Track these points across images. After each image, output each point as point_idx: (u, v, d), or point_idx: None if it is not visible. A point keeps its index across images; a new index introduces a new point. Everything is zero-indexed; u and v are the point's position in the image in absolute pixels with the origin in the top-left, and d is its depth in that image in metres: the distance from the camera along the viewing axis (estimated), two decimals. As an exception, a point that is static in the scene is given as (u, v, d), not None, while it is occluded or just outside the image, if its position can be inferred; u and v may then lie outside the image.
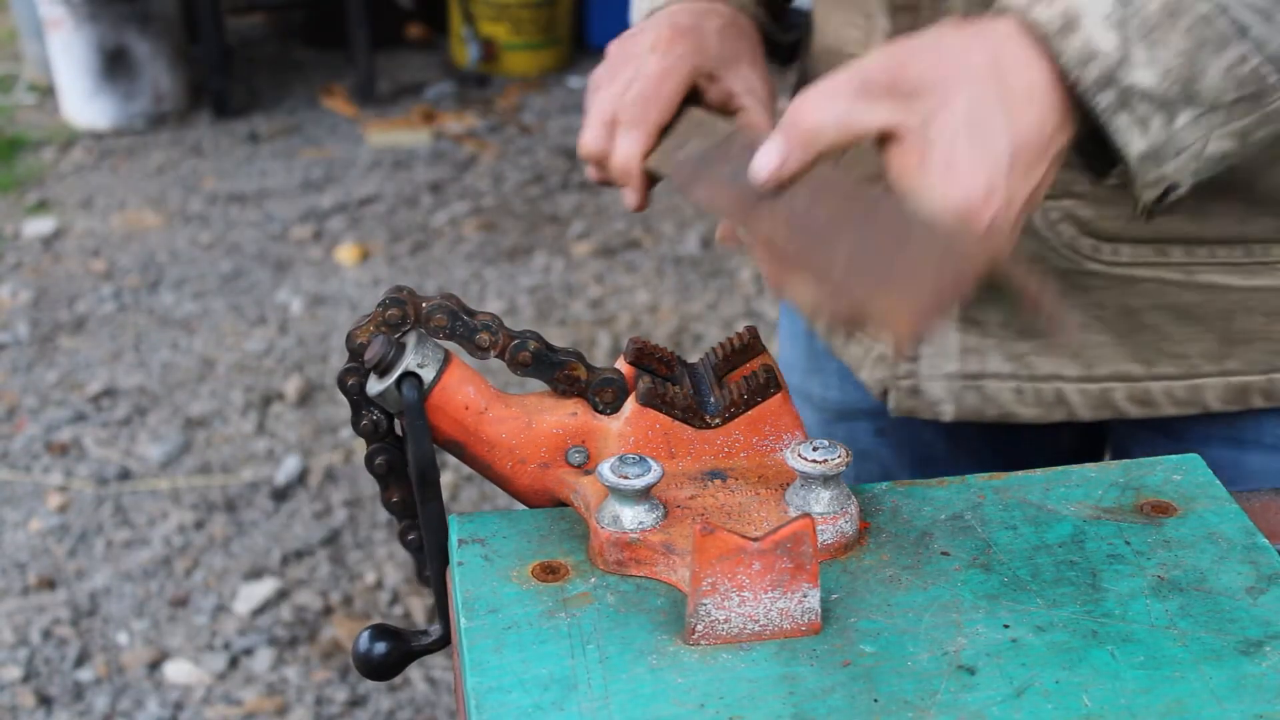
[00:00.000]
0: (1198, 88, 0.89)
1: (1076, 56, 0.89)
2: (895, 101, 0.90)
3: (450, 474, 3.24)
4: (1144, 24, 0.89)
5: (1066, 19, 0.90)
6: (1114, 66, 0.89)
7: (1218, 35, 0.89)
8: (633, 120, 1.14)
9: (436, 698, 2.73)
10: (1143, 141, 0.90)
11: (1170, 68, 0.89)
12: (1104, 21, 0.89)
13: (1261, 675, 0.88)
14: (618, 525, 0.98)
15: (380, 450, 1.08)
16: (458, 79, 5.42)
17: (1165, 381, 1.20)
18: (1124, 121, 0.89)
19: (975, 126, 0.89)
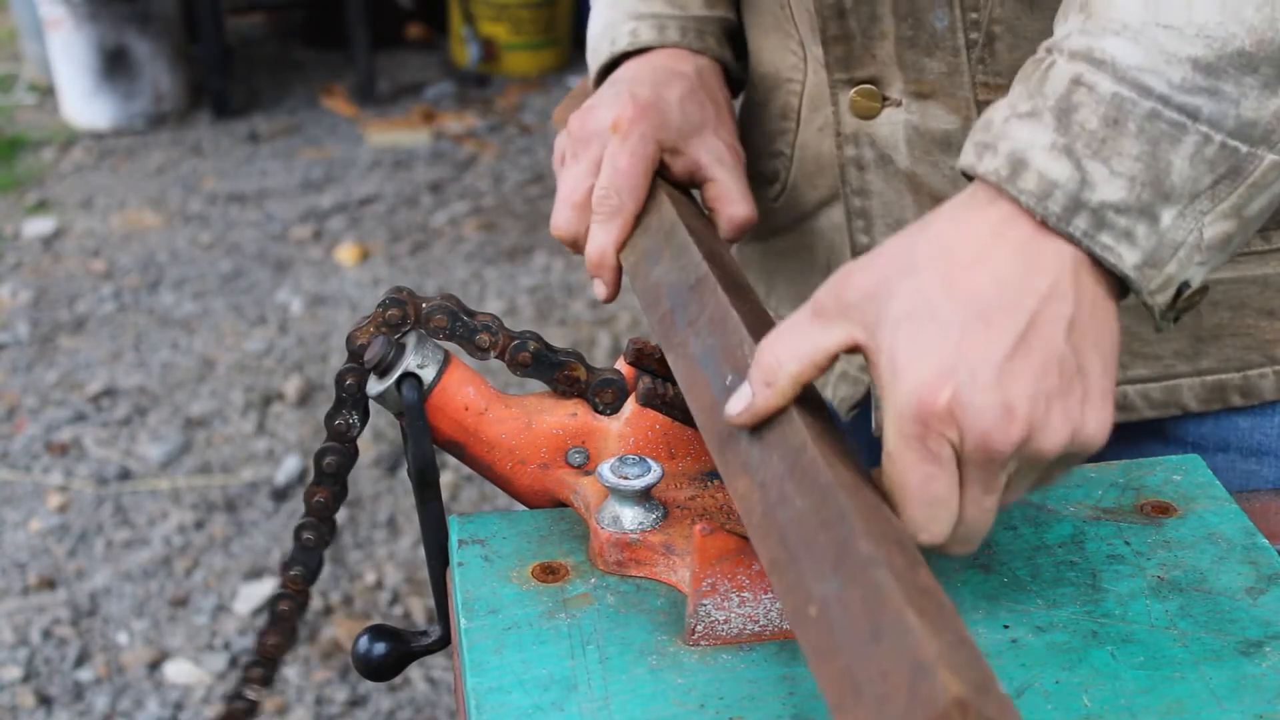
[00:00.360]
0: (1169, 184, 0.87)
1: (1035, 193, 0.87)
2: (846, 317, 0.87)
3: (450, 474, 3.24)
4: (1090, 141, 0.87)
5: (1013, 161, 0.88)
6: (1076, 191, 0.86)
7: (1169, 128, 0.86)
8: (606, 214, 1.16)
9: (436, 698, 2.73)
10: (1134, 253, 0.87)
11: (1133, 175, 0.86)
12: (1050, 151, 0.87)
13: (1261, 675, 0.88)
14: (618, 526, 0.98)
15: (335, 451, 1.10)
16: (458, 79, 5.42)
17: (1141, 385, 1.19)
18: (1107, 240, 0.87)
19: (914, 314, 0.85)
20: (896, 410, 0.84)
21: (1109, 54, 0.87)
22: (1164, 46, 0.86)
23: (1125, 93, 0.86)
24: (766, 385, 0.88)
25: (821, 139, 1.26)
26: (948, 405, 0.83)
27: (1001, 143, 0.89)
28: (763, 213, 1.38)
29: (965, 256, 0.86)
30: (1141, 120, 0.86)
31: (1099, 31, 0.88)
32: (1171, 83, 0.86)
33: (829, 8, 1.16)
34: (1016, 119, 0.89)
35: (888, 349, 0.85)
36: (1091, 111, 0.87)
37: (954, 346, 0.84)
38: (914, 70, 1.15)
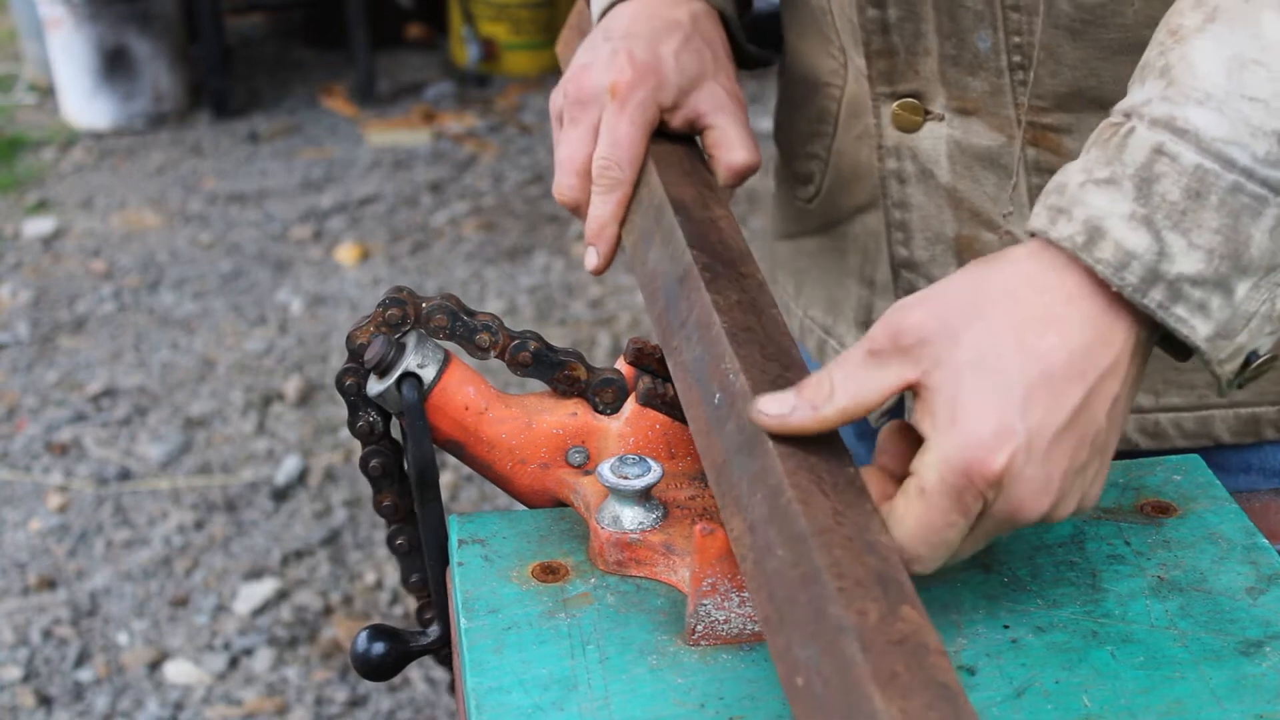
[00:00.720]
0: (1248, 257, 0.85)
1: (1112, 263, 0.85)
2: (903, 358, 0.86)
3: (450, 474, 3.24)
4: (1171, 213, 0.85)
5: (1089, 229, 0.86)
6: (1154, 263, 0.85)
7: (1251, 201, 0.85)
8: (607, 186, 1.15)
9: (436, 698, 2.73)
10: (1207, 325, 0.86)
11: (1212, 248, 0.85)
12: (1129, 221, 0.86)
13: (1261, 675, 0.88)
14: (618, 525, 0.98)
15: (375, 453, 1.08)
16: (458, 79, 5.42)
17: (1174, 413, 1.19)
18: (1182, 311, 0.86)
19: (979, 364, 0.84)
20: (946, 457, 0.84)
21: (1193, 124, 0.86)
22: (1249, 119, 0.85)
23: (1209, 165, 0.85)
24: (814, 408, 0.86)
25: (860, 147, 1.25)
26: (1000, 471, 0.83)
27: (1077, 209, 0.87)
28: (795, 213, 1.38)
29: (1036, 316, 0.86)
30: (1224, 193, 0.85)
31: (1182, 100, 0.87)
32: (1256, 156, 0.85)
33: (873, 23, 1.15)
34: (1094, 185, 0.87)
35: (949, 394, 0.84)
36: (1173, 183, 0.86)
37: (1018, 409, 0.83)
38: (957, 87, 1.15)
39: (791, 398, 0.87)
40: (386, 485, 1.10)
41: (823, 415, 0.86)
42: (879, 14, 1.14)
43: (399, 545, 1.10)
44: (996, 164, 1.15)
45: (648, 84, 1.15)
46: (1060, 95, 1.10)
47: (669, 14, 1.20)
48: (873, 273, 1.29)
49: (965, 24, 1.11)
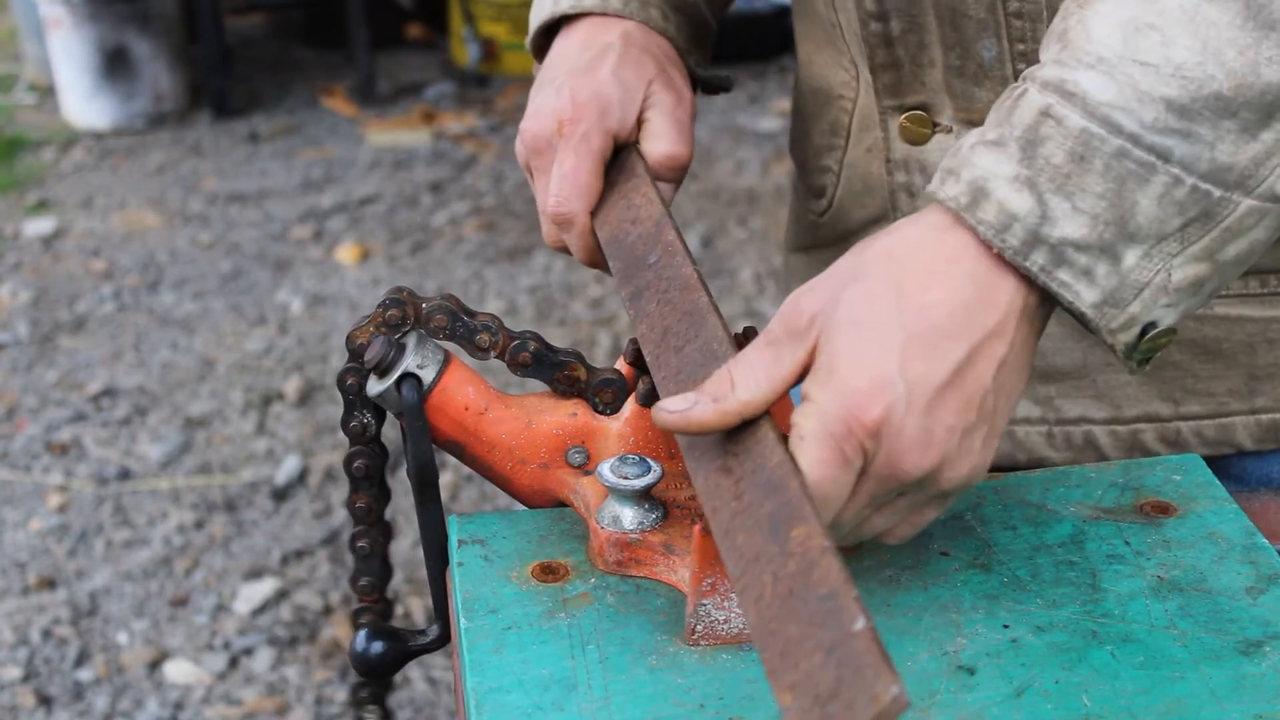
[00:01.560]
0: (1134, 224, 0.85)
1: (994, 225, 0.85)
2: (796, 341, 0.87)
3: (450, 474, 3.24)
4: (1055, 176, 0.85)
5: (974, 190, 0.86)
6: (1036, 226, 0.85)
7: (1137, 167, 0.84)
8: (565, 221, 1.17)
9: (436, 698, 2.73)
10: (1092, 292, 0.85)
11: (1097, 213, 0.84)
12: (1012, 183, 0.85)
13: (1261, 675, 0.88)
14: (618, 526, 0.98)
15: (362, 454, 1.09)
16: (458, 79, 5.42)
17: (1194, 421, 1.18)
18: (1065, 276, 0.85)
19: (856, 321, 0.85)
20: (824, 407, 0.84)
21: (1081, 87, 0.85)
22: (1138, 84, 0.85)
23: (1094, 129, 0.85)
24: (714, 400, 0.87)
25: (870, 159, 1.25)
26: (877, 420, 0.83)
27: (965, 170, 0.87)
28: (809, 225, 1.38)
29: (917, 273, 0.86)
30: (1109, 158, 0.84)
31: (1074, 63, 0.86)
32: (1143, 122, 0.84)
33: (876, 36, 1.15)
34: (983, 146, 0.87)
35: (829, 352, 0.85)
36: (1058, 145, 0.85)
37: (895, 362, 0.83)
38: (964, 99, 1.15)
39: (692, 394, 0.87)
40: (365, 488, 1.10)
41: (723, 408, 0.86)
42: (882, 27, 1.14)
43: (360, 547, 1.12)
44: None
45: (590, 115, 1.17)
46: None
47: (600, 39, 1.22)
48: None
49: (969, 34, 1.11)
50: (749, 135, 4.91)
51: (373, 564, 1.12)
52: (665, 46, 1.24)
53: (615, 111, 1.18)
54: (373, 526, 1.11)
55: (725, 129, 5.00)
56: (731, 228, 4.35)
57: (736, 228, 4.34)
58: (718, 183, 4.61)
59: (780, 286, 1.49)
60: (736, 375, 0.87)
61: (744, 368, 0.87)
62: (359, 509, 1.11)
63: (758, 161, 4.72)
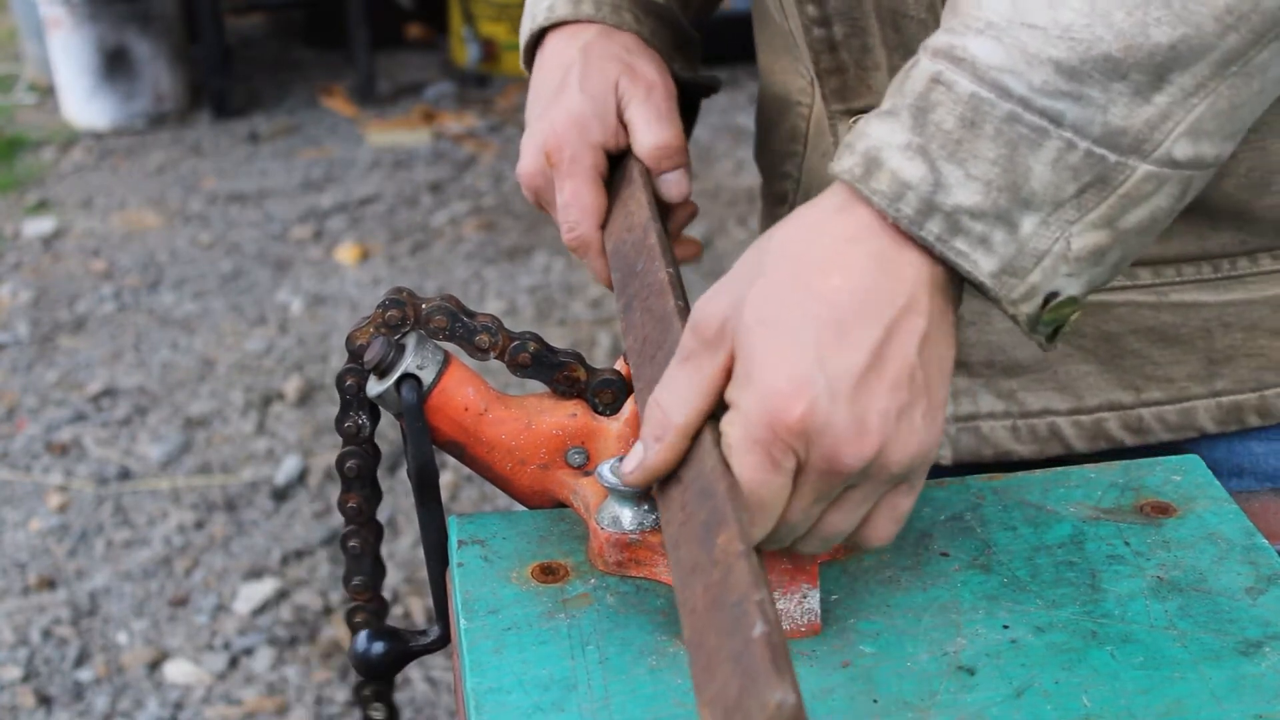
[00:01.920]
0: (1028, 190, 0.83)
1: (888, 194, 0.83)
2: (710, 350, 0.85)
3: (450, 474, 3.24)
4: (946, 142, 0.83)
5: (868, 160, 0.84)
6: (930, 194, 0.83)
7: (1029, 132, 0.83)
8: (581, 246, 1.18)
9: (436, 698, 2.73)
10: (990, 260, 0.83)
11: (990, 179, 0.83)
12: (904, 151, 0.84)
13: (1261, 675, 0.88)
14: (617, 526, 0.98)
15: (355, 454, 1.09)
16: (458, 79, 5.43)
17: (1156, 407, 1.18)
18: (962, 245, 0.83)
19: (766, 320, 0.83)
20: (746, 413, 0.82)
21: (970, 52, 0.84)
22: (1026, 47, 0.83)
23: (984, 93, 0.83)
24: (656, 440, 0.86)
25: (825, 164, 1.25)
26: (801, 419, 0.81)
27: (859, 141, 0.86)
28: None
29: (817, 259, 0.84)
30: (999, 123, 0.83)
31: (963, 29, 0.85)
32: (1032, 85, 0.83)
33: (820, 42, 1.15)
34: (876, 118, 0.86)
35: (744, 356, 0.83)
36: (948, 111, 0.84)
37: (811, 357, 0.81)
38: None
39: (638, 448, 0.87)
40: (357, 488, 1.10)
41: (670, 443, 0.86)
42: (825, 33, 1.14)
43: (351, 547, 1.12)
44: None
45: (571, 138, 1.18)
46: None
47: (562, 58, 1.23)
48: None
49: (910, 34, 1.11)
50: (749, 135, 4.90)
51: (364, 563, 1.12)
52: (628, 41, 1.23)
53: (594, 125, 1.19)
54: (364, 526, 1.12)
55: (725, 129, 5.00)
56: (731, 228, 4.35)
57: (736, 228, 4.34)
58: (718, 183, 4.61)
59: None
60: (664, 403, 0.86)
61: (668, 393, 0.86)
62: (350, 509, 1.11)
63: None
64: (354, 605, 1.14)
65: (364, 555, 1.12)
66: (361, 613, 1.13)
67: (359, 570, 1.12)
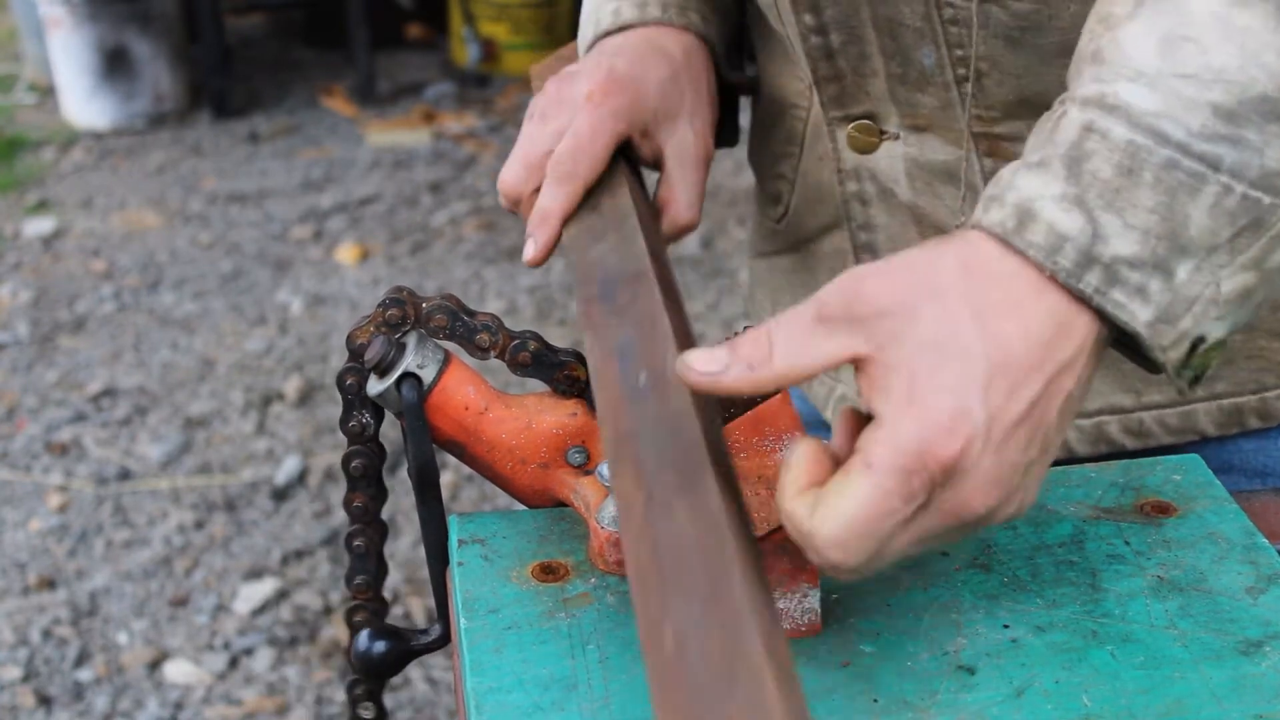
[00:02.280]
0: (1187, 237, 0.82)
1: (1044, 247, 0.82)
2: (853, 329, 0.81)
3: (450, 474, 3.24)
4: (1104, 192, 0.82)
5: (1020, 213, 0.83)
6: (1088, 245, 0.81)
7: (1188, 178, 0.82)
8: (559, 178, 1.12)
9: (436, 698, 2.73)
10: (1147, 310, 0.82)
11: (1149, 228, 0.81)
12: (1060, 203, 0.82)
13: (1261, 675, 0.88)
14: (618, 525, 0.98)
15: (360, 454, 1.09)
16: (458, 79, 5.43)
17: (1156, 410, 1.18)
18: (1120, 296, 0.82)
19: (941, 344, 0.80)
20: (899, 435, 0.79)
21: (1123, 99, 0.83)
22: (1182, 93, 0.82)
23: (1141, 140, 0.82)
24: (750, 368, 0.81)
25: (822, 168, 1.25)
26: (954, 457, 0.78)
27: (1009, 194, 0.84)
28: (769, 232, 1.38)
29: (996, 299, 0.81)
30: (1158, 169, 0.82)
31: (1112, 78, 0.84)
32: (1190, 130, 0.82)
33: (817, 49, 1.14)
34: (1025, 169, 0.84)
35: (907, 372, 0.79)
36: (1104, 160, 0.82)
37: (977, 396, 0.79)
38: (908, 105, 1.14)
39: (724, 354, 0.81)
40: (362, 487, 1.10)
41: (758, 376, 0.81)
42: (822, 40, 1.14)
43: (356, 546, 1.12)
44: (954, 177, 1.15)
45: (625, 95, 1.14)
46: (1008, 104, 1.10)
47: (662, 44, 1.20)
48: None
49: (907, 42, 1.10)
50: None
51: (368, 562, 1.12)
52: (710, 79, 1.21)
53: (645, 112, 1.15)
54: (369, 525, 1.12)
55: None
56: (731, 228, 4.35)
57: (736, 228, 4.34)
58: (718, 183, 4.61)
59: (748, 295, 1.48)
60: (777, 341, 0.81)
61: (787, 336, 0.81)
62: (356, 508, 1.11)
63: (758, 161, 4.72)
64: (355, 604, 1.14)
65: (368, 554, 1.12)
66: (362, 612, 1.13)
67: (363, 569, 1.12)
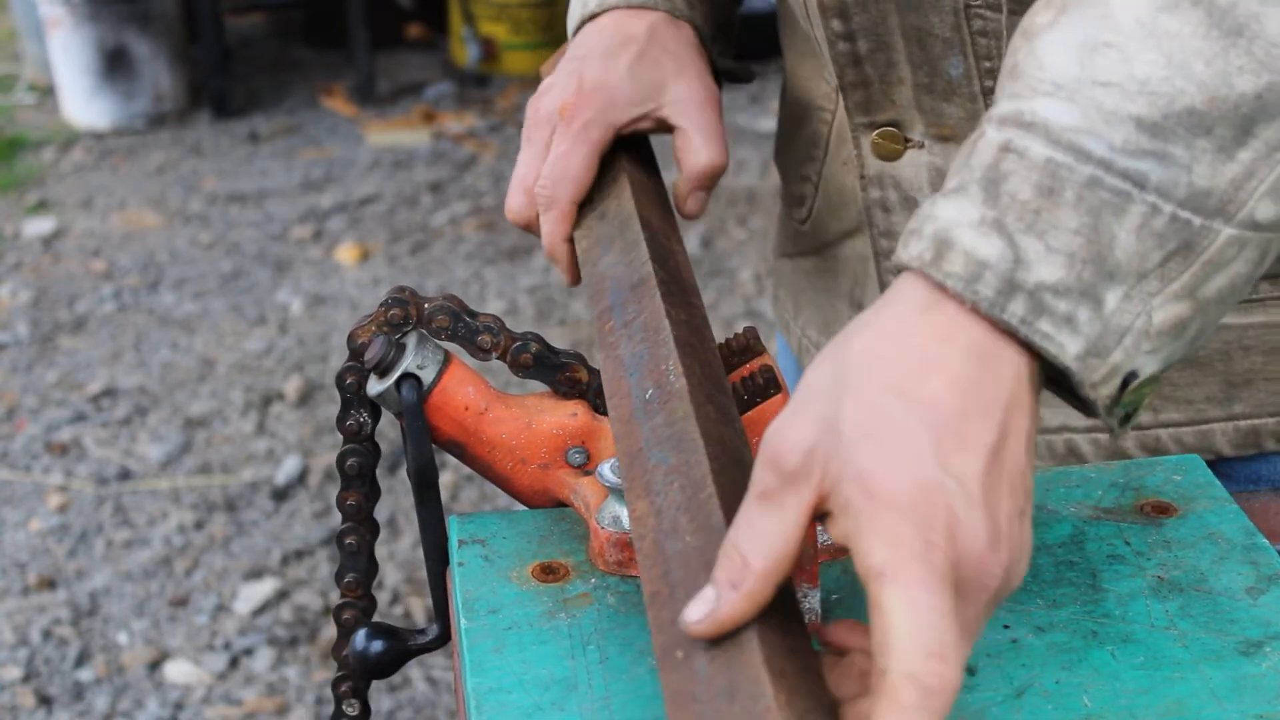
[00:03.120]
0: (1113, 261, 0.76)
1: (963, 275, 0.76)
2: (794, 485, 0.75)
3: (450, 474, 3.24)
4: (1023, 214, 0.76)
5: (937, 243, 0.77)
6: (1010, 271, 0.76)
7: (1112, 196, 0.76)
8: (544, 205, 1.16)
9: (436, 698, 2.73)
10: (1076, 342, 0.76)
11: (1073, 251, 0.76)
12: (978, 228, 0.77)
13: (1261, 675, 0.88)
14: (618, 526, 0.98)
15: (355, 452, 1.09)
16: (458, 79, 5.43)
17: (1173, 428, 1.17)
18: (1047, 326, 0.76)
19: (872, 433, 0.73)
20: (883, 530, 0.72)
21: (1040, 115, 0.78)
22: (1102, 105, 0.77)
23: (1060, 157, 0.77)
24: (733, 587, 0.73)
25: (845, 172, 1.25)
26: (945, 520, 0.72)
27: (926, 225, 0.79)
28: (792, 233, 1.38)
29: (910, 364, 0.76)
30: (1080, 188, 0.76)
31: (1028, 94, 0.79)
32: (1113, 145, 0.77)
33: (845, 56, 1.14)
34: (943, 198, 0.79)
35: (852, 475, 0.73)
36: (1023, 180, 0.77)
37: (931, 462, 0.73)
38: (934, 114, 1.14)
39: (710, 592, 0.74)
40: (357, 485, 1.11)
41: (749, 590, 0.73)
42: (849, 47, 1.13)
43: (349, 544, 1.12)
44: None
45: (595, 104, 1.16)
46: None
47: (626, 29, 1.20)
48: (861, 295, 1.29)
49: (935, 52, 1.10)
50: (749, 135, 4.91)
51: (359, 560, 1.13)
52: (690, 37, 1.22)
53: (621, 108, 1.17)
54: (361, 524, 1.12)
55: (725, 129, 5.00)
56: (731, 228, 4.35)
57: (736, 228, 4.34)
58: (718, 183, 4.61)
59: (771, 295, 1.49)
60: (744, 547, 0.74)
61: (748, 535, 0.75)
62: (349, 506, 1.11)
63: (758, 161, 4.72)
64: (343, 602, 1.14)
65: (360, 553, 1.12)
66: (350, 609, 1.14)
67: (353, 567, 1.13)
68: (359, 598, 1.14)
